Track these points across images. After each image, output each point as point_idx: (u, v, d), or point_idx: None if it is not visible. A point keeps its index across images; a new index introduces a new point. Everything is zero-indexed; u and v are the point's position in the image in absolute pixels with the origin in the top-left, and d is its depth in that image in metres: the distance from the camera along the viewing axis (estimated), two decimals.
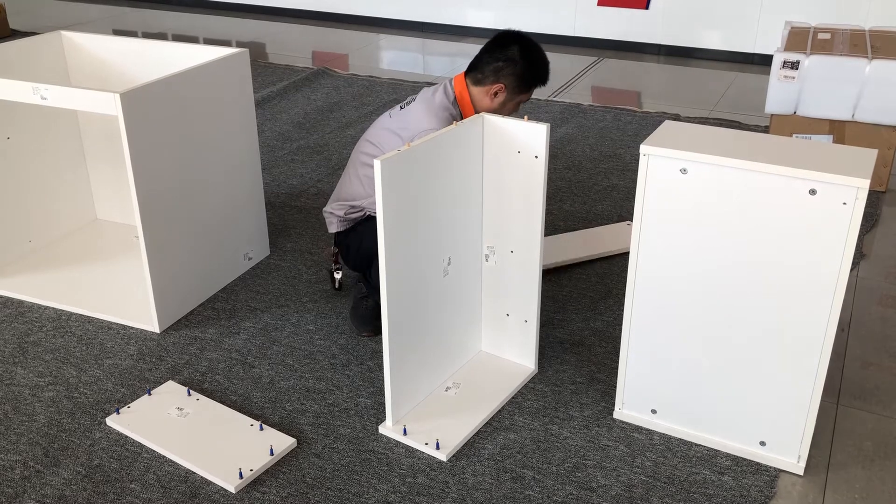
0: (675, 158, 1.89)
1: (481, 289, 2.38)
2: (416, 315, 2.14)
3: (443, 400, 2.28)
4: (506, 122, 2.16)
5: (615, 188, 3.67)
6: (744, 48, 5.69)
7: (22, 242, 3.05)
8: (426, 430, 2.15)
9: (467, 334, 2.40)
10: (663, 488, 1.98)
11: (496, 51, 2.55)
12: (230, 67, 2.74)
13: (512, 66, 2.53)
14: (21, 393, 2.34)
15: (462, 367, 2.41)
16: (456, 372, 2.39)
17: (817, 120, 3.61)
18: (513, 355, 2.42)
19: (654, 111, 4.70)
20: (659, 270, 2.01)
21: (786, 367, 1.94)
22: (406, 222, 2.01)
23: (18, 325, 2.67)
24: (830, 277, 1.82)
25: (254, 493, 1.98)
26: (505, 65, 2.53)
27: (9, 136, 2.91)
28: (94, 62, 3.05)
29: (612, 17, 6.01)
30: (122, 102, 2.31)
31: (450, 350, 2.35)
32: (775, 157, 1.83)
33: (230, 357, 2.50)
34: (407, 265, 2.05)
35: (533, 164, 2.15)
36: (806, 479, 2.02)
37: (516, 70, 2.53)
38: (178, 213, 2.61)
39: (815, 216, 1.79)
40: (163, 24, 7.00)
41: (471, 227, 2.27)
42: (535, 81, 2.60)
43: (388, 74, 5.50)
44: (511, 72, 2.53)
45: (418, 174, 2.01)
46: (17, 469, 2.06)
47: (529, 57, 2.56)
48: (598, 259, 3.05)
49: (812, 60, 3.53)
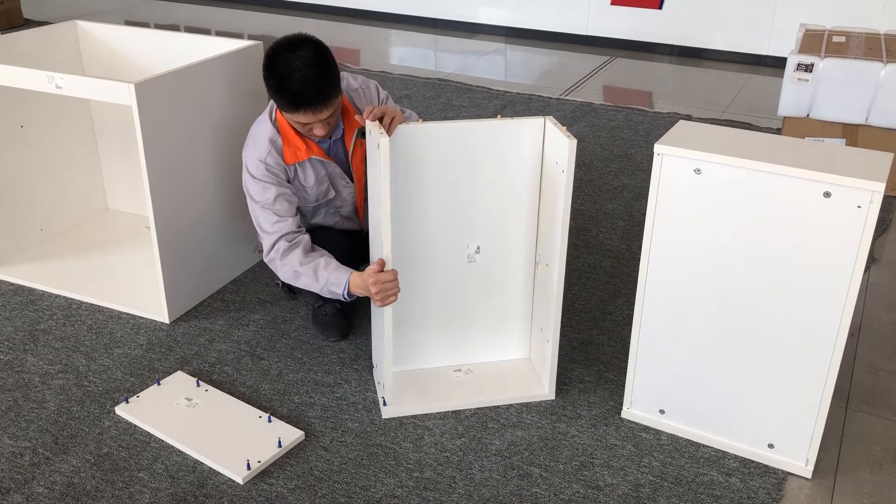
0: (689, 158, 1.88)
1: (532, 297, 2.36)
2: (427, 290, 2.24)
3: (440, 376, 2.35)
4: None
5: (625, 188, 3.67)
6: (756, 50, 5.67)
7: (34, 231, 3.07)
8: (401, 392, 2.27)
9: (491, 329, 2.40)
10: (670, 489, 1.98)
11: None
12: (244, 60, 2.74)
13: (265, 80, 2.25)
14: (31, 380, 2.35)
15: (478, 360, 2.42)
16: (472, 361, 2.41)
17: (830, 123, 3.59)
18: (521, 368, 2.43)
19: (666, 111, 4.68)
20: (670, 271, 2.00)
21: (796, 369, 1.94)
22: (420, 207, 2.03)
23: (29, 313, 2.68)
24: (843, 281, 1.81)
25: (261, 485, 1.98)
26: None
27: (22, 124, 2.92)
28: (109, 52, 3.06)
29: (625, 17, 5.99)
30: (136, 92, 2.31)
31: (462, 340, 2.38)
32: (790, 158, 1.82)
33: (239, 349, 2.50)
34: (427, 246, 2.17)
35: (560, 177, 2.07)
36: (814, 483, 2.02)
37: (267, 85, 2.25)
38: (189, 204, 2.61)
39: (828, 219, 1.78)
40: (174, 15, 7.01)
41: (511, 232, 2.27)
42: (281, 103, 2.23)
43: (399, 70, 5.50)
44: (266, 86, 2.26)
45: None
46: (27, 455, 2.07)
47: (269, 70, 2.22)
48: (607, 258, 3.05)
49: (826, 63, 3.52)
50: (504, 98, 4.88)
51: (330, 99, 2.21)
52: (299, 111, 2.21)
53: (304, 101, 2.18)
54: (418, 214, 2.19)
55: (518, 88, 5.13)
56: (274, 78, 2.20)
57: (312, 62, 2.18)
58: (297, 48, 2.19)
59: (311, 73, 2.16)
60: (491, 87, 5.12)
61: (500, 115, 2.24)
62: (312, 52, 2.20)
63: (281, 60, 2.19)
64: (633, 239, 3.20)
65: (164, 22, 6.78)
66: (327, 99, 2.20)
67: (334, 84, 2.23)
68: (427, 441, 2.13)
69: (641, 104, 4.88)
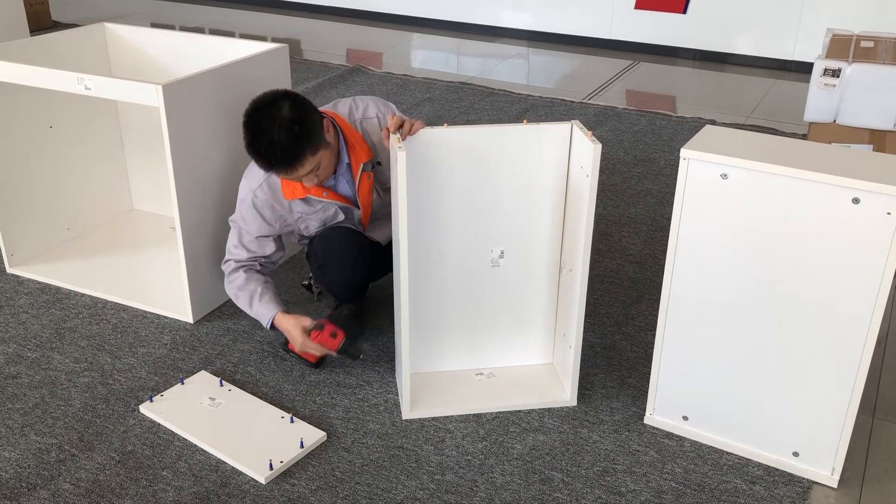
0: (715, 163, 1.87)
1: (556, 302, 2.36)
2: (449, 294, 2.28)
3: (461, 380, 2.35)
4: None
5: (648, 192, 3.65)
6: (781, 55, 5.62)
7: (60, 230, 3.10)
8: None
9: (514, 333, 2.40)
10: (693, 496, 1.97)
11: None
12: (270, 62, 2.76)
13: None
14: (57, 378, 2.38)
15: (500, 364, 2.41)
16: (494, 365, 2.41)
17: (857, 129, 3.56)
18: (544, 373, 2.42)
19: (690, 116, 4.66)
20: (695, 276, 1.99)
21: (822, 377, 1.92)
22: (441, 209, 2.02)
23: (56, 311, 2.71)
24: (871, 288, 1.79)
25: (283, 485, 1.99)
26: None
27: (51, 125, 2.96)
28: (136, 54, 3.09)
29: (649, 21, 5.97)
30: (163, 94, 2.34)
31: (484, 343, 2.38)
32: (818, 164, 1.81)
33: (262, 349, 2.52)
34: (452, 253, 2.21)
35: (584, 181, 2.06)
36: (839, 493, 1.99)
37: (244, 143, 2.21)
38: (214, 205, 2.63)
39: (857, 225, 1.76)
40: (199, 18, 7.08)
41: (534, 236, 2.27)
42: (257, 164, 2.22)
43: (421, 74, 5.51)
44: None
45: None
46: (53, 452, 2.09)
47: (245, 129, 2.19)
48: (630, 263, 3.04)
49: (854, 69, 3.48)
50: (526, 102, 4.87)
51: (303, 159, 2.16)
52: (271, 172, 2.24)
53: (273, 166, 2.18)
54: (442, 218, 2.19)
55: (540, 92, 5.12)
56: (247, 139, 2.18)
57: (286, 123, 2.12)
58: (272, 108, 2.15)
59: (281, 136, 2.12)
60: (513, 90, 5.11)
61: (525, 119, 2.23)
62: (288, 112, 2.14)
63: (254, 122, 2.16)
64: (657, 244, 3.18)
65: (189, 24, 6.84)
66: (299, 161, 2.16)
67: (311, 142, 2.17)
68: (448, 444, 2.13)
69: (665, 109, 4.86)
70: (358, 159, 2.35)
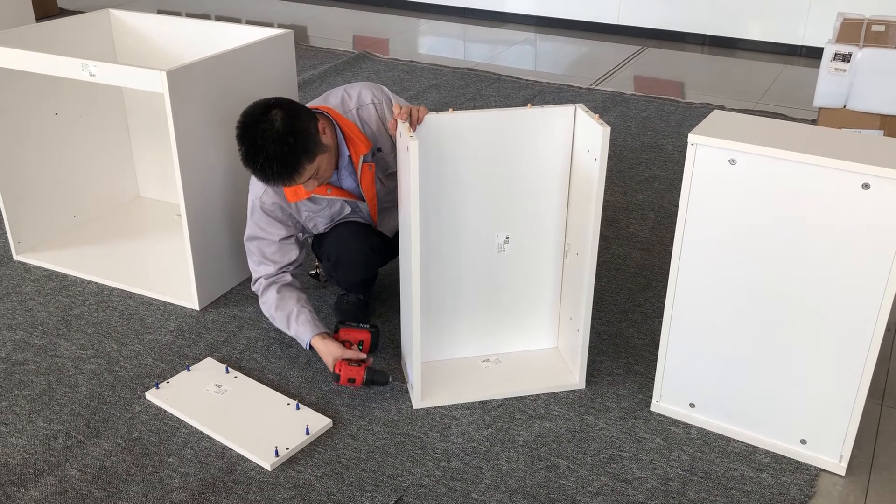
0: (724, 149, 1.85)
1: (561, 286, 2.35)
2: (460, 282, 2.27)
3: (469, 367, 2.34)
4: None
5: (657, 178, 3.63)
6: (791, 40, 5.57)
7: (67, 217, 3.11)
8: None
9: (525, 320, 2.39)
10: (700, 483, 1.96)
11: None
12: (275, 49, 2.74)
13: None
14: (64, 364, 2.39)
15: (506, 350, 2.41)
16: (500, 351, 2.40)
17: (868, 114, 3.52)
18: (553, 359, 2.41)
19: (698, 102, 4.62)
20: (703, 263, 1.98)
21: (830, 364, 1.91)
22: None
23: (62, 298, 2.72)
24: (880, 274, 1.77)
25: (289, 472, 1.99)
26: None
27: (56, 112, 2.96)
28: (141, 40, 3.08)
29: (657, 6, 5.92)
30: (168, 80, 2.33)
31: (490, 330, 2.37)
32: (828, 149, 1.79)
33: (268, 336, 2.52)
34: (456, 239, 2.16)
35: (592, 165, 2.05)
36: (847, 480, 1.98)
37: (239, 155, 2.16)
38: (219, 191, 2.63)
39: (867, 211, 1.74)
40: (205, 5, 7.06)
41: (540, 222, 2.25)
42: (253, 175, 2.17)
43: (428, 60, 5.48)
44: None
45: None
46: (60, 438, 2.10)
47: (238, 142, 2.14)
48: (637, 249, 3.02)
49: (865, 53, 3.44)
50: (534, 88, 4.85)
51: (301, 170, 2.12)
52: (269, 185, 2.22)
53: (271, 179, 2.14)
54: (447, 204, 2.18)
55: (548, 78, 5.09)
56: (241, 154, 2.13)
57: (280, 137, 2.07)
58: (264, 121, 2.09)
59: (276, 150, 2.07)
60: (520, 76, 5.08)
61: (530, 104, 2.21)
62: (280, 125, 2.08)
63: (248, 137, 2.10)
64: (664, 230, 3.16)
65: (195, 11, 6.82)
66: (297, 172, 2.12)
67: (307, 152, 2.11)
68: (454, 431, 2.13)
69: (673, 94, 4.82)
70: (358, 152, 2.31)
